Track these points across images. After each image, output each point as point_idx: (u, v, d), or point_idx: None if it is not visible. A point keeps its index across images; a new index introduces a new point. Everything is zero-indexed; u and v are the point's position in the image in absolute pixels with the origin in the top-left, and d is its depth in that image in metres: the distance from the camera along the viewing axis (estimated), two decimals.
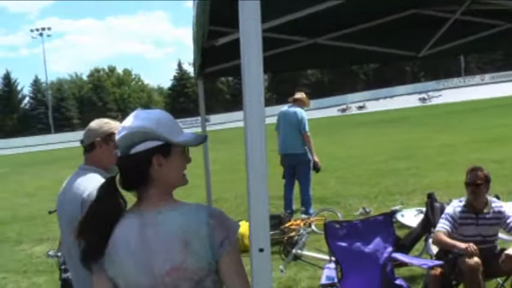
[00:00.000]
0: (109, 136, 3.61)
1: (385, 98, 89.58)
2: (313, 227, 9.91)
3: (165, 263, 2.20)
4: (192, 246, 2.20)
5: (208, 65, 5.32)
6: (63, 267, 6.01)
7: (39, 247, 12.05)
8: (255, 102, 1.42)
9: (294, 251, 8.00)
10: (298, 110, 10.91)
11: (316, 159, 10.87)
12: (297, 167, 11.01)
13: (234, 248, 2.26)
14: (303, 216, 10.33)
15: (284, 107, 11.49)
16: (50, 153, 62.34)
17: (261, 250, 1.44)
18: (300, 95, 11.31)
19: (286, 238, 8.75)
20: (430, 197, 6.86)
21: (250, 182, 1.45)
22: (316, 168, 10.95)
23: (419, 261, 6.10)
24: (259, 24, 1.42)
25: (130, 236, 2.23)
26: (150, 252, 2.21)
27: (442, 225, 5.91)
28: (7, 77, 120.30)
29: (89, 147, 3.70)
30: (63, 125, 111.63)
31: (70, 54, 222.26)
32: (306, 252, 8.13)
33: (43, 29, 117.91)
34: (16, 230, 14.59)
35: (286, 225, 9.41)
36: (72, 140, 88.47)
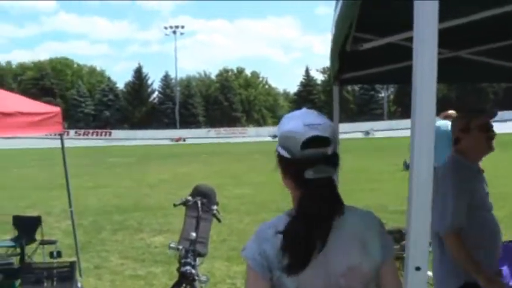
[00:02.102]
0: (468, 126, 3.94)
1: None
2: None
3: (342, 264, 2.18)
4: (368, 247, 2.21)
5: (345, 71, 5.23)
6: (183, 260, 6.08)
7: (158, 238, 12.36)
8: (426, 112, 1.33)
9: None
10: (447, 123, 10.64)
11: None
12: None
13: (393, 255, 2.30)
14: None
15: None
16: (174, 147, 64.04)
17: (418, 269, 1.36)
18: (451, 111, 11.11)
19: (405, 255, 8.48)
20: None
21: (413, 197, 1.37)
22: None
23: None
24: (435, 27, 1.33)
25: None
26: (329, 252, 2.18)
27: None
28: (139, 70, 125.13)
29: (455, 140, 4.03)
30: (188, 121, 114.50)
31: (199, 53, 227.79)
32: None
33: (176, 26, 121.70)
34: (137, 219, 15.04)
35: None
36: (196, 136, 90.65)
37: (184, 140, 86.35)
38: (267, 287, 2.20)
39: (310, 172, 2.15)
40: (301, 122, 2.19)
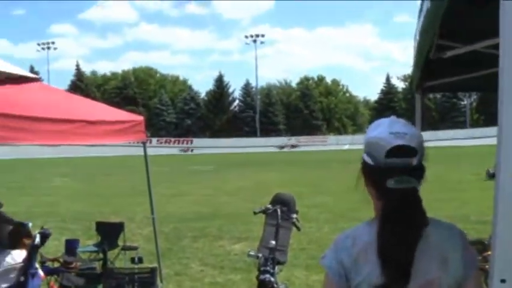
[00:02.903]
0: None
1: None
2: None
3: (422, 276, 2.11)
4: (448, 262, 2.13)
5: (428, 79, 5.13)
6: (262, 268, 6.07)
7: (238, 245, 12.41)
8: None
9: None
10: None
11: None
12: None
13: (478, 271, 2.21)
14: None
15: None
16: (254, 155, 64.32)
17: (503, 281, 1.31)
18: None
19: (487, 266, 8.24)
20: None
21: (498, 207, 1.32)
22: None
23: None
24: None
25: None
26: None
27: None
28: (220, 79, 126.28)
29: None
30: (269, 129, 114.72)
31: (279, 61, 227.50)
32: None
33: (257, 35, 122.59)
34: (216, 227, 15.16)
35: (489, 252, 8.86)
36: (276, 145, 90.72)
37: (192, 151, 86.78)
38: None
39: (392, 182, 2.11)
40: (387, 130, 2.16)
